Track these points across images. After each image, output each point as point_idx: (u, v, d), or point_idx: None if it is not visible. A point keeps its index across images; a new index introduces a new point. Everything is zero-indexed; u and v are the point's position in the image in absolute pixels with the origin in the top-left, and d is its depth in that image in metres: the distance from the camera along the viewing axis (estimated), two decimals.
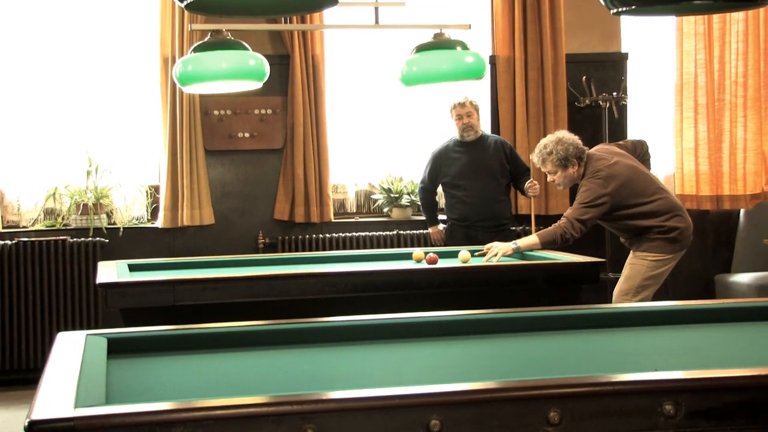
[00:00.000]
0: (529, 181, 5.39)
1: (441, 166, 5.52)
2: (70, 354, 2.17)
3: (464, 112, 5.42)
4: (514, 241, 4.36)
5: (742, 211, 6.51)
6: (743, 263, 6.43)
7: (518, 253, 4.32)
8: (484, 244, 4.89)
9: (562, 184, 4.54)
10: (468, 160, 5.46)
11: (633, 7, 2.44)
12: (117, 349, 2.36)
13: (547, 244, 4.29)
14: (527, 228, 5.83)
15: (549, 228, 4.36)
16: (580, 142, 4.51)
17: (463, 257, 4.16)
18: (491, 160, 5.47)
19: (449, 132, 5.75)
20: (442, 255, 4.50)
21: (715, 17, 6.26)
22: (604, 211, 4.36)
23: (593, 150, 4.59)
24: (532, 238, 4.36)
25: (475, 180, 5.44)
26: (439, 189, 5.69)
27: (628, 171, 4.43)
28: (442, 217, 5.72)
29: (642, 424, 1.79)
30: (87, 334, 2.40)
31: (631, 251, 4.55)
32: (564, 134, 4.52)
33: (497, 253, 4.23)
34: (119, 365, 2.23)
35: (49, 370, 2.02)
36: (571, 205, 5.86)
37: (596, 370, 2.11)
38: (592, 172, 4.41)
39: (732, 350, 2.44)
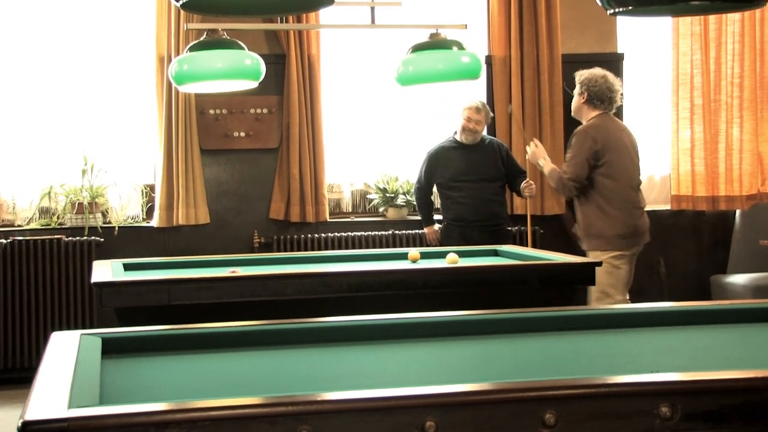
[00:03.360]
0: (524, 181, 5.39)
1: (436, 166, 5.52)
2: (65, 354, 2.17)
3: (476, 118, 5.41)
4: (544, 158, 4.81)
5: (737, 212, 6.51)
6: (739, 264, 6.44)
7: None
8: (480, 244, 4.90)
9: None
10: (464, 162, 5.45)
11: (629, 7, 2.44)
12: (111, 348, 2.35)
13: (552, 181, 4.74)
14: (523, 228, 5.84)
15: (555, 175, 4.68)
16: (610, 91, 4.64)
17: (451, 259, 4.15)
18: (487, 162, 5.47)
19: (445, 132, 5.75)
20: (437, 255, 4.50)
21: (711, 18, 6.27)
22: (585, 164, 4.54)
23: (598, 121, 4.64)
24: (549, 167, 4.76)
25: (471, 181, 5.44)
26: (435, 189, 5.69)
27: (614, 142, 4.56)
28: (437, 216, 5.72)
29: (638, 426, 1.78)
30: (81, 334, 2.39)
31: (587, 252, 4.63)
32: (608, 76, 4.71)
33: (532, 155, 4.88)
34: (114, 365, 2.23)
35: (43, 370, 2.01)
36: (567, 205, 5.91)
37: (592, 371, 2.11)
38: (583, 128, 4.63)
39: (728, 352, 2.43)
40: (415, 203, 5.87)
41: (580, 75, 4.75)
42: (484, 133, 5.82)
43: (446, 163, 5.48)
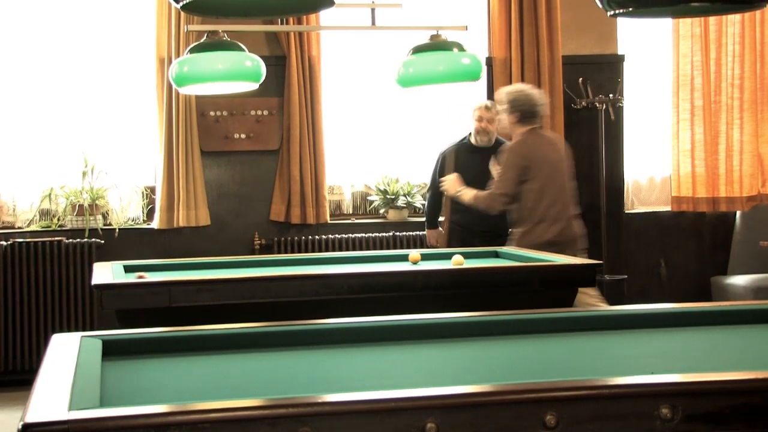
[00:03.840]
0: None
1: (447, 167, 5.50)
2: (65, 356, 2.16)
3: (487, 116, 5.37)
4: (459, 189, 4.96)
5: (738, 213, 6.51)
6: (739, 265, 6.43)
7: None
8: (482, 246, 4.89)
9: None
10: (474, 165, 5.40)
11: (630, 9, 2.44)
12: (112, 350, 2.35)
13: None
14: None
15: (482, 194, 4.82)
16: (534, 104, 4.75)
17: (456, 261, 4.15)
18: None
19: (447, 133, 5.75)
20: (437, 257, 4.50)
21: (712, 19, 6.27)
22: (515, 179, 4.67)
23: (528, 137, 4.75)
24: (469, 195, 4.87)
25: (478, 186, 5.41)
26: None
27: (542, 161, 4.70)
28: (441, 219, 5.71)
29: (639, 428, 1.78)
30: (82, 336, 2.39)
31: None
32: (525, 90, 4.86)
33: (447, 189, 5.01)
34: (114, 367, 2.22)
35: (44, 372, 2.01)
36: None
37: (593, 373, 2.11)
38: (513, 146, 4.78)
39: (729, 353, 2.43)
40: (416, 205, 5.86)
41: (506, 93, 4.83)
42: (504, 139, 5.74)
43: (458, 165, 5.46)
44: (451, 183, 5.01)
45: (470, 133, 5.52)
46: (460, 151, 5.48)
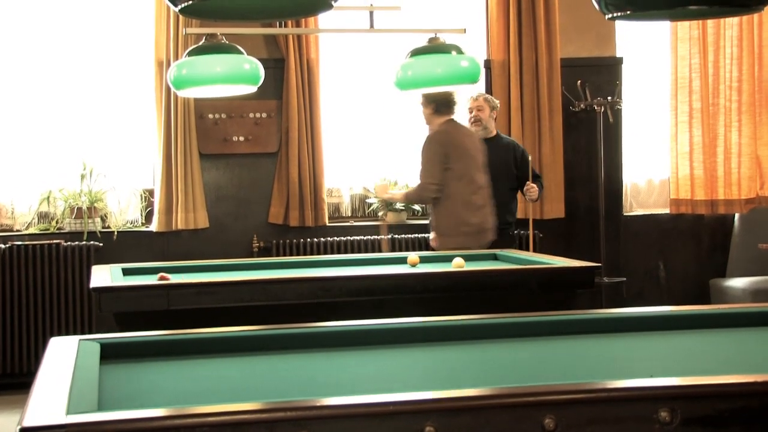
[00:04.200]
0: (526, 184, 5.34)
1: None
2: (63, 359, 2.16)
3: (475, 105, 5.44)
4: (388, 194, 5.29)
5: (736, 216, 6.52)
6: (738, 268, 6.43)
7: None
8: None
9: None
10: None
11: (628, 12, 2.43)
12: (110, 354, 2.35)
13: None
14: (522, 232, 5.83)
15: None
16: (448, 96, 4.99)
17: (457, 264, 4.15)
18: (498, 160, 5.42)
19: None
20: (436, 260, 4.50)
21: (710, 22, 6.28)
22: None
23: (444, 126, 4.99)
24: (400, 195, 5.22)
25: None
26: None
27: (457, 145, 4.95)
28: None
29: (637, 431, 1.78)
30: (80, 339, 2.39)
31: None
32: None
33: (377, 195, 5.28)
34: (112, 371, 2.22)
35: (41, 375, 2.01)
36: (564, 209, 5.96)
37: (591, 376, 2.11)
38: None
39: (728, 356, 2.43)
40: (415, 208, 5.86)
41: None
42: (504, 134, 5.73)
43: None
44: (380, 189, 5.28)
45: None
46: None
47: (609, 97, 6.24)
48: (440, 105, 5.01)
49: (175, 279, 3.93)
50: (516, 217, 5.57)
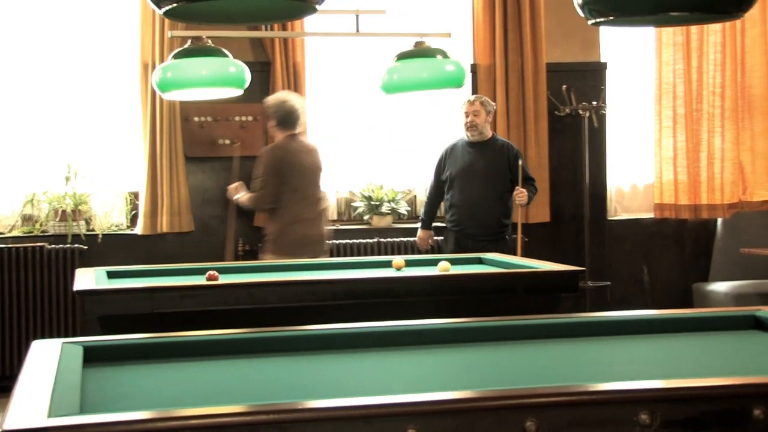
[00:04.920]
0: (516, 188, 5.34)
1: (446, 163, 5.53)
2: (45, 362, 2.15)
3: (471, 110, 5.43)
4: (238, 196, 5.23)
5: (719, 220, 6.56)
6: (720, 272, 6.48)
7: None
8: (475, 252, 4.90)
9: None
10: (468, 161, 5.43)
11: (610, 18, 2.45)
12: (93, 357, 2.34)
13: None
14: (512, 236, 5.83)
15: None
16: (291, 112, 5.02)
17: (442, 267, 4.16)
18: (491, 162, 5.42)
19: (435, 139, 5.76)
20: (421, 263, 4.50)
21: (694, 28, 6.32)
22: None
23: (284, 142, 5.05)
24: (244, 198, 5.18)
25: (471, 182, 5.42)
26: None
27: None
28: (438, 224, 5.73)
29: None
30: (63, 342, 2.38)
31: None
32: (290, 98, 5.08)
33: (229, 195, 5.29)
34: (95, 374, 2.22)
35: (23, 378, 2.00)
36: (549, 213, 5.99)
37: (573, 379, 2.12)
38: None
39: (709, 359, 2.45)
40: (400, 211, 5.86)
41: (270, 100, 5.13)
42: (498, 136, 5.74)
43: (453, 161, 5.50)
44: (233, 190, 5.31)
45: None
46: (457, 148, 5.52)
47: (594, 102, 6.26)
48: (282, 120, 5.03)
49: (159, 282, 3.92)
50: (512, 219, 5.55)
